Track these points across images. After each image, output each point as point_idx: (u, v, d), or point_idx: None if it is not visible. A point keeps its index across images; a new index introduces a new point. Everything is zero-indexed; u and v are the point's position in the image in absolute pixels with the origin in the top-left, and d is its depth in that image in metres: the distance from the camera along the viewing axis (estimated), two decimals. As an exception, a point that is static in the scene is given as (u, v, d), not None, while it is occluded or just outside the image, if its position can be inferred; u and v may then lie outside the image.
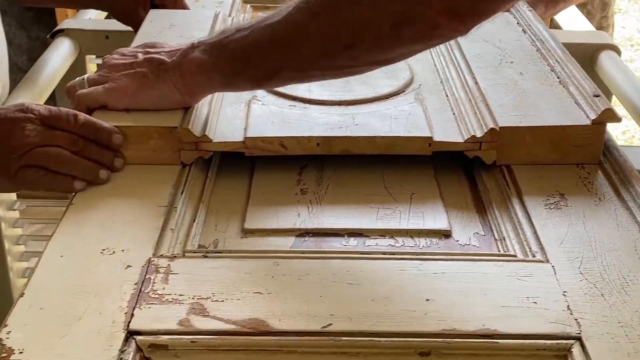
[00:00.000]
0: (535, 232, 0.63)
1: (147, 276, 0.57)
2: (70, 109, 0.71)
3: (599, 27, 1.78)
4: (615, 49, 1.18)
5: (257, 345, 0.51)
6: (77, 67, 1.19)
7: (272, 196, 0.71)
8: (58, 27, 1.20)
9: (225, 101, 0.80)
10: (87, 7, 1.27)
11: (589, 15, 1.75)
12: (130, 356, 0.50)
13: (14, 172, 0.67)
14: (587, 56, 1.18)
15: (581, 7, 1.75)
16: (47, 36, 1.20)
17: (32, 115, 0.69)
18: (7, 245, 0.92)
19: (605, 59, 1.14)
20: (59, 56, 1.13)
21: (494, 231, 0.66)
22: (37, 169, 0.68)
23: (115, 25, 1.14)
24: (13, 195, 0.94)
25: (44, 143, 0.68)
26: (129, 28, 1.06)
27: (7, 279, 0.95)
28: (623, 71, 1.11)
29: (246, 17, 1.13)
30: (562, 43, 1.04)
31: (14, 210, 0.93)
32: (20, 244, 0.96)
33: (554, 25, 1.42)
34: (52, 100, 1.11)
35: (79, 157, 0.68)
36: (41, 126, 0.68)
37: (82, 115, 0.71)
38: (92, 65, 1.25)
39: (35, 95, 0.98)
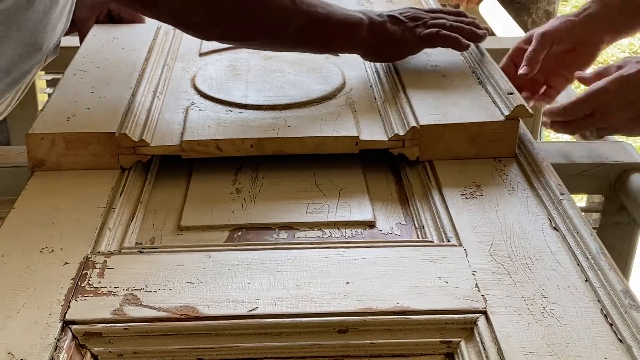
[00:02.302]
0: (451, 220, 0.67)
1: (83, 271, 0.60)
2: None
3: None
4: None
5: (186, 330, 0.55)
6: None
7: (208, 195, 0.75)
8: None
9: (165, 107, 0.84)
10: None
11: (533, 24, 1.83)
12: (66, 344, 0.53)
13: (419, 34, 0.88)
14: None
15: (527, 16, 1.83)
16: None
17: (420, 8, 0.93)
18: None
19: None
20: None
21: (415, 220, 0.70)
22: (434, 30, 0.88)
23: (63, 42, 1.17)
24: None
25: (434, 16, 0.90)
26: (72, 43, 1.08)
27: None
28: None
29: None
30: (498, 49, 1.11)
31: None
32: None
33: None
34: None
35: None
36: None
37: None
38: (40, 81, 1.27)
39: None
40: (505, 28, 1.45)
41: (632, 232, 0.90)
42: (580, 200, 1.16)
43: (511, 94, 0.79)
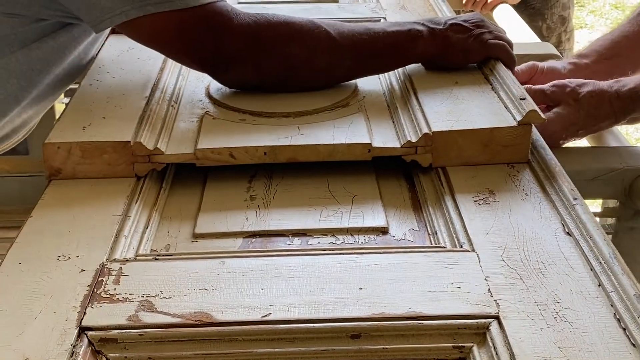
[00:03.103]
0: (464, 225, 0.67)
1: (99, 278, 0.61)
2: None
3: (559, 41, 1.86)
4: (558, 58, 1.24)
5: (200, 336, 0.56)
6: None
7: (222, 203, 0.75)
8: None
9: (180, 116, 0.85)
10: None
11: (548, 30, 1.83)
12: (82, 349, 0.54)
13: (485, 41, 0.89)
14: (531, 66, 1.24)
15: (541, 21, 1.83)
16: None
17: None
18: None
19: (548, 68, 1.20)
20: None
21: (428, 226, 0.71)
22: (500, 42, 0.90)
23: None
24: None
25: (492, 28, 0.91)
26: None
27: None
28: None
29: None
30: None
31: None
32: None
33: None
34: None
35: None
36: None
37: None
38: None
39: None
40: (519, 34, 1.45)
41: (649, 238, 0.90)
42: (596, 205, 1.15)
43: (523, 99, 0.79)
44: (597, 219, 1.02)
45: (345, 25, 0.89)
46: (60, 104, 1.31)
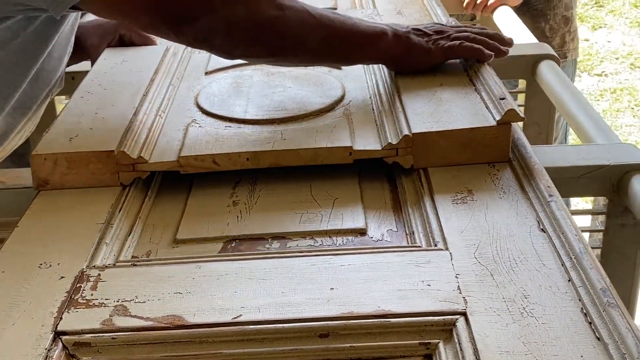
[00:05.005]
0: (439, 225, 0.68)
1: (77, 285, 0.63)
2: None
3: (563, 41, 1.85)
4: (554, 58, 1.24)
5: (172, 338, 0.57)
6: (48, 108, 1.25)
7: (205, 209, 0.76)
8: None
9: (167, 125, 0.86)
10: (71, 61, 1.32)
11: (551, 30, 1.82)
12: (56, 353, 0.55)
13: (442, 46, 0.91)
14: (528, 66, 1.24)
15: (544, 22, 1.82)
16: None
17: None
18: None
19: (544, 68, 1.21)
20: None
21: (406, 227, 0.71)
22: (456, 42, 0.91)
23: (79, 67, 1.21)
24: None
25: (459, 32, 0.92)
26: (86, 68, 1.12)
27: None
28: (560, 78, 1.17)
29: (204, 53, 1.18)
30: (507, 55, 1.11)
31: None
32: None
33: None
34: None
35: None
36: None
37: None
38: (60, 105, 1.32)
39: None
40: (518, 36, 1.44)
41: (639, 234, 0.89)
42: (588, 202, 1.15)
43: (503, 99, 0.79)
44: (590, 216, 1.02)
45: (320, 7, 0.89)
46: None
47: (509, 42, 0.95)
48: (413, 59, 0.91)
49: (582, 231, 0.67)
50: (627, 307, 0.88)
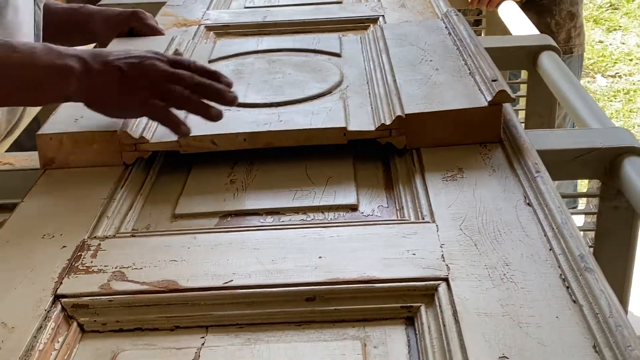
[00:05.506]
0: (428, 200, 0.70)
1: (78, 253, 0.65)
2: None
3: (568, 37, 1.86)
4: (555, 49, 1.26)
5: (165, 301, 0.59)
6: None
7: (204, 187, 0.79)
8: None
9: (169, 109, 0.89)
10: (82, 39, 1.33)
11: (557, 26, 1.84)
12: (55, 314, 0.58)
13: (143, 100, 0.77)
14: (529, 57, 1.26)
15: (550, 18, 1.84)
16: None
17: (162, 57, 0.80)
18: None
19: (544, 59, 1.22)
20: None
21: (396, 203, 0.73)
22: (160, 104, 0.77)
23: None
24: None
25: (170, 78, 0.77)
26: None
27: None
28: (560, 68, 1.18)
29: (208, 43, 1.22)
30: (509, 47, 1.13)
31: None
32: None
33: (504, 31, 1.50)
34: (35, 121, 1.21)
35: (194, 97, 0.77)
36: (167, 65, 0.79)
37: (198, 62, 0.82)
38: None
39: (17, 115, 1.08)
40: (522, 30, 1.46)
41: (632, 216, 0.90)
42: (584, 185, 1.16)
43: (495, 80, 0.81)
44: (585, 199, 1.03)
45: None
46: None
47: (231, 98, 0.80)
48: (105, 107, 0.79)
49: (576, 214, 0.69)
50: (620, 286, 0.90)
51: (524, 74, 1.32)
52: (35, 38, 1.04)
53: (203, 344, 0.56)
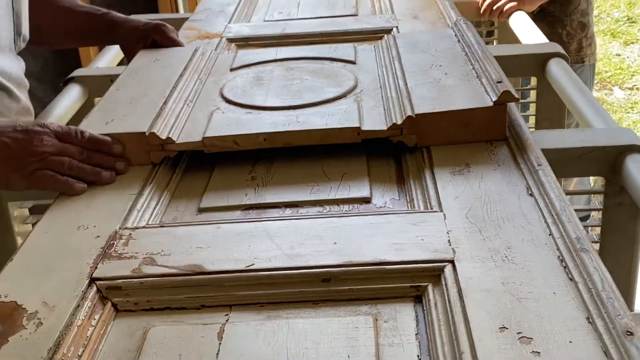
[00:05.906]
0: (437, 192, 0.74)
1: (111, 242, 0.70)
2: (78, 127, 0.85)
3: (580, 47, 1.90)
4: (563, 56, 1.30)
5: (192, 282, 0.64)
6: (86, 108, 1.35)
7: (227, 183, 0.84)
8: (70, 76, 1.36)
9: (193, 112, 0.94)
10: (101, 43, 1.36)
11: (568, 36, 1.88)
12: (91, 295, 0.63)
13: (30, 172, 0.80)
14: (538, 64, 1.30)
15: (561, 28, 1.88)
16: (60, 84, 1.37)
17: (48, 129, 0.82)
18: (19, 241, 1.05)
19: (553, 66, 1.26)
20: (68, 99, 1.29)
21: (407, 196, 0.78)
22: (49, 173, 0.80)
23: (119, 70, 1.31)
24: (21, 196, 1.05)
25: (57, 153, 0.81)
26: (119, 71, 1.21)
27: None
28: (568, 75, 1.22)
29: (230, 53, 1.27)
30: (519, 55, 1.18)
31: (23, 208, 1.05)
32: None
33: (516, 41, 1.55)
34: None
35: (84, 164, 0.81)
36: (55, 139, 0.82)
37: (87, 132, 0.85)
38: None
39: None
40: (533, 39, 1.50)
41: (636, 212, 0.94)
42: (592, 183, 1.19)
43: (500, 82, 0.86)
44: (591, 196, 1.07)
45: None
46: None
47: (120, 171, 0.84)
48: None
49: (582, 210, 0.73)
50: (626, 280, 0.94)
51: (533, 81, 1.36)
52: (15, 27, 1.03)
53: (227, 320, 0.61)
